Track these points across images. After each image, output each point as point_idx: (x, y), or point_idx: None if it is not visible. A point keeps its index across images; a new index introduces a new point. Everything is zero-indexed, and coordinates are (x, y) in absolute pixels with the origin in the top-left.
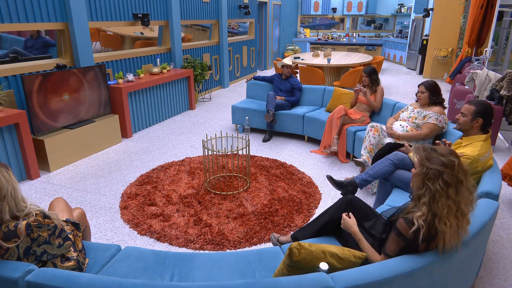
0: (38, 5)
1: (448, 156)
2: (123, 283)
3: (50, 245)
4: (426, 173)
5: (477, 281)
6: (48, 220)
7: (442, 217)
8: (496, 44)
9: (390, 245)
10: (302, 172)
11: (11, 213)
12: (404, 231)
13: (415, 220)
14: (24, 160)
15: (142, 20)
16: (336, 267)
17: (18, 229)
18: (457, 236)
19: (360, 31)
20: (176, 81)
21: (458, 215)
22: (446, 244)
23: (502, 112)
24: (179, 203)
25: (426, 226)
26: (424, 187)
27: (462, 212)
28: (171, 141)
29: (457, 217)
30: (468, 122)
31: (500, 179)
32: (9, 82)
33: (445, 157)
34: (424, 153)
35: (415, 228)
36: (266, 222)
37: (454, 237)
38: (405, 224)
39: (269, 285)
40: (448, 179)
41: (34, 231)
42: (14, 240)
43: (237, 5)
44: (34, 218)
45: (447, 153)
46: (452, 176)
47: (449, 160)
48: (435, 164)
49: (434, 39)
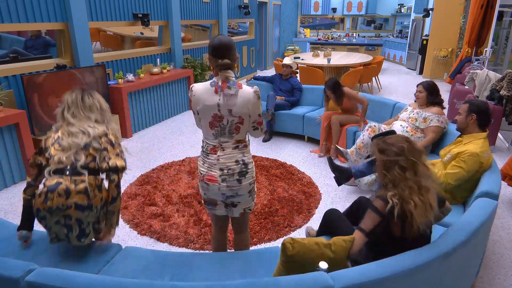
0: (38, 5)
1: (398, 143)
2: (123, 283)
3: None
4: (383, 164)
5: (477, 281)
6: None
7: (406, 199)
8: (496, 44)
9: (365, 221)
10: (302, 172)
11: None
12: (381, 208)
13: (389, 198)
14: (24, 160)
15: (142, 20)
16: (330, 257)
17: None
18: (426, 212)
19: (360, 31)
20: (176, 81)
21: (422, 192)
22: (417, 222)
23: (502, 112)
24: (179, 203)
25: (399, 204)
26: (385, 176)
27: (425, 189)
28: (171, 141)
29: (421, 194)
30: (464, 120)
31: (500, 179)
32: (9, 82)
33: (395, 145)
34: (377, 147)
35: (390, 205)
36: (266, 222)
37: (423, 214)
38: (381, 201)
39: (268, 285)
40: (404, 164)
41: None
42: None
43: (237, 5)
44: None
45: (396, 141)
46: (407, 160)
47: (399, 147)
48: (389, 155)
49: (434, 39)
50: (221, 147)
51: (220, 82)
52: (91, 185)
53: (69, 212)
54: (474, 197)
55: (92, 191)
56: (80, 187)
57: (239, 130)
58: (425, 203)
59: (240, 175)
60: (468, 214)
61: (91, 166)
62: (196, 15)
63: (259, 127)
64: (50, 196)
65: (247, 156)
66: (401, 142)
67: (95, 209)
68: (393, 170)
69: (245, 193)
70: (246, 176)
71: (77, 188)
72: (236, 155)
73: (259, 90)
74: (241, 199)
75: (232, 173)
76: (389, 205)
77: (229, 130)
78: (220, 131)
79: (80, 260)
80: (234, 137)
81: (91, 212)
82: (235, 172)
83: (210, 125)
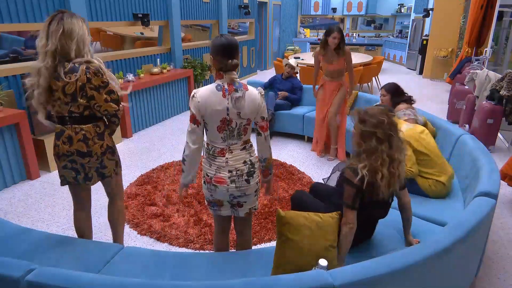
0: (38, 5)
1: (378, 116)
2: (124, 283)
3: (99, 94)
4: (362, 133)
5: (477, 281)
6: (104, 76)
7: (376, 169)
8: (496, 44)
9: (345, 194)
10: (302, 172)
11: (76, 53)
12: (352, 178)
13: (359, 170)
14: (24, 160)
15: (142, 20)
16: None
17: (81, 68)
18: (393, 183)
19: (360, 31)
20: (176, 81)
21: (393, 165)
22: (384, 191)
23: (502, 112)
24: (179, 203)
25: (369, 174)
26: (362, 145)
27: (397, 161)
28: (171, 141)
29: (392, 167)
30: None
31: (499, 179)
32: (9, 82)
33: (375, 117)
34: (358, 116)
35: (359, 177)
36: (266, 222)
37: (389, 185)
38: (351, 172)
39: (268, 283)
40: (381, 136)
41: (90, 74)
42: (74, 74)
43: (237, 5)
44: (93, 65)
45: (377, 113)
46: (384, 133)
47: (378, 120)
48: (368, 126)
49: (434, 39)
50: (229, 150)
51: (226, 85)
52: (90, 133)
53: (73, 158)
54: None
55: (91, 139)
56: (79, 136)
57: (246, 131)
58: (394, 174)
59: (248, 175)
60: (466, 213)
61: (86, 114)
62: (196, 15)
63: (263, 132)
64: (57, 143)
65: (253, 156)
66: (381, 115)
67: (95, 155)
68: (369, 141)
69: (252, 192)
70: (254, 176)
71: (77, 136)
72: (244, 156)
73: (263, 90)
74: (248, 199)
75: (241, 174)
76: (359, 176)
77: (238, 132)
78: (229, 134)
79: (80, 260)
80: (242, 139)
81: (91, 158)
82: (244, 172)
83: (218, 129)
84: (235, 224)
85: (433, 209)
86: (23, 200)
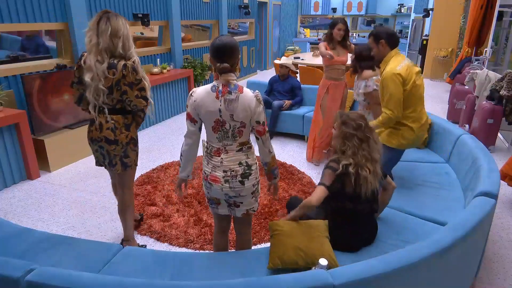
0: (38, 5)
1: (358, 120)
2: (124, 283)
3: (131, 90)
4: (344, 134)
5: (477, 281)
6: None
7: (362, 165)
8: (496, 44)
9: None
10: (302, 172)
11: (122, 50)
12: (334, 165)
13: (340, 165)
14: (24, 160)
15: (142, 20)
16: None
17: (119, 64)
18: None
19: (360, 31)
20: (176, 81)
21: (373, 163)
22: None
23: (502, 112)
24: (179, 203)
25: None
26: (345, 144)
27: (374, 160)
28: (171, 141)
29: (372, 164)
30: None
31: (499, 179)
32: (9, 82)
33: (355, 121)
34: (340, 119)
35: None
36: (266, 222)
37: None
38: (335, 163)
39: (268, 283)
40: (361, 137)
41: (127, 71)
42: (113, 70)
43: (237, 5)
44: (131, 63)
45: (357, 118)
46: (363, 134)
47: (358, 124)
48: (350, 128)
49: (434, 39)
50: (225, 150)
51: (220, 87)
52: (118, 123)
53: (101, 144)
54: (473, 196)
55: (119, 128)
56: (109, 124)
57: (242, 133)
58: (374, 172)
59: (242, 177)
60: (466, 213)
61: (118, 107)
62: (196, 15)
63: (260, 137)
64: (91, 128)
65: (251, 157)
66: (359, 120)
67: (120, 144)
68: (352, 141)
69: (247, 194)
70: (249, 177)
71: (106, 124)
72: (240, 157)
73: (260, 94)
74: (244, 200)
75: (235, 175)
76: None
77: (232, 134)
78: (223, 135)
79: (80, 260)
80: (237, 140)
81: (117, 146)
82: (238, 173)
83: (213, 129)
84: (235, 223)
85: (433, 209)
86: (23, 200)
